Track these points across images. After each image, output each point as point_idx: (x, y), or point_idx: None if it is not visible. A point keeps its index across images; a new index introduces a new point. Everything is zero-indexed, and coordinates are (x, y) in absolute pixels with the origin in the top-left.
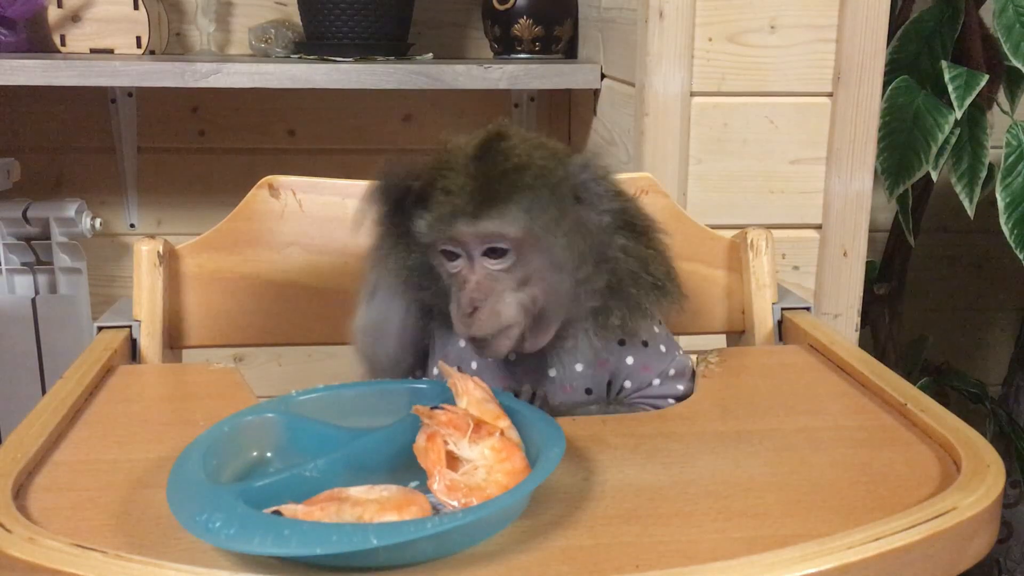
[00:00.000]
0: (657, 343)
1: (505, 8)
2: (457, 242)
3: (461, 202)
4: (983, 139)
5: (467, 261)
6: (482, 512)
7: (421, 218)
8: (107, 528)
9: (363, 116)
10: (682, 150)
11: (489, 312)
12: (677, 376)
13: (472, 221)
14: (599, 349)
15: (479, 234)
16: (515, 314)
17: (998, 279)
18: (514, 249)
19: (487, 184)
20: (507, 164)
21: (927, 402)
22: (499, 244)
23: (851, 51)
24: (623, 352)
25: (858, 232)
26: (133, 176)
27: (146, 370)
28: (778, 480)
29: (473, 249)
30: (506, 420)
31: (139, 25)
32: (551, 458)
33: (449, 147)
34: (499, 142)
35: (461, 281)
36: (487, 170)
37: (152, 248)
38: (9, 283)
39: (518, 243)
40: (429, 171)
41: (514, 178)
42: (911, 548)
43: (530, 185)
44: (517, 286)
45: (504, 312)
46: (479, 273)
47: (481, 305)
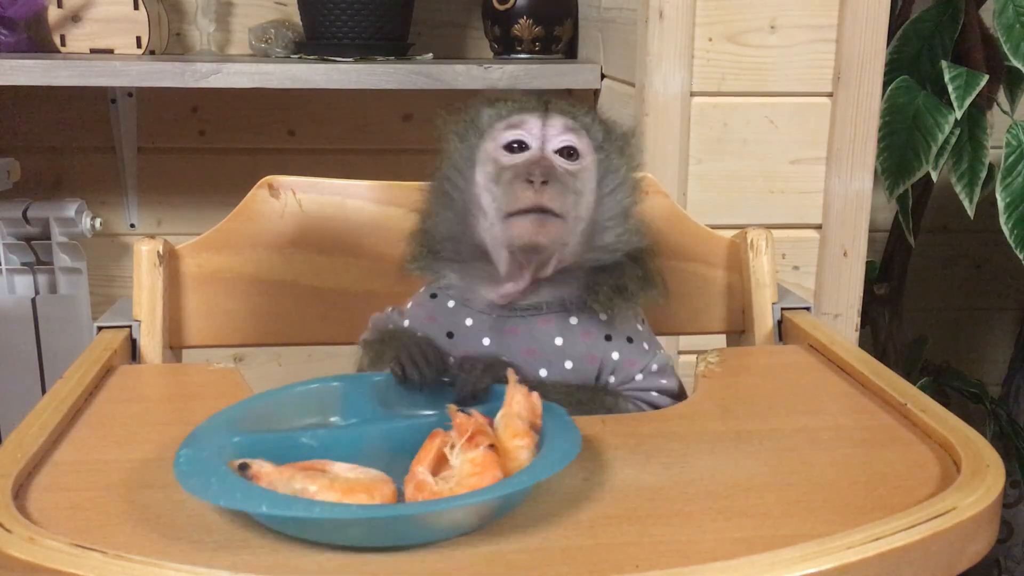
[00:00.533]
0: (641, 340)
1: (505, 8)
2: (543, 126)
3: (540, 104)
4: (983, 139)
5: (538, 152)
6: (412, 510)
7: (501, 106)
8: (107, 528)
9: (363, 116)
10: (682, 150)
11: (560, 190)
12: (660, 372)
13: (564, 114)
14: (588, 344)
15: (566, 125)
16: (572, 216)
17: (998, 279)
18: (584, 156)
19: (565, 106)
20: (576, 111)
21: (927, 402)
22: (576, 143)
23: (851, 51)
24: (609, 347)
25: (858, 232)
26: (133, 176)
27: (146, 370)
28: (778, 480)
29: (549, 141)
30: (524, 439)
31: (139, 25)
32: (533, 471)
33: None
34: (560, 103)
35: (531, 161)
36: (558, 107)
37: (152, 248)
38: (9, 283)
39: (587, 153)
40: (490, 107)
41: (585, 120)
42: (911, 548)
43: (598, 129)
44: (574, 194)
45: (568, 201)
46: (550, 158)
47: (550, 181)
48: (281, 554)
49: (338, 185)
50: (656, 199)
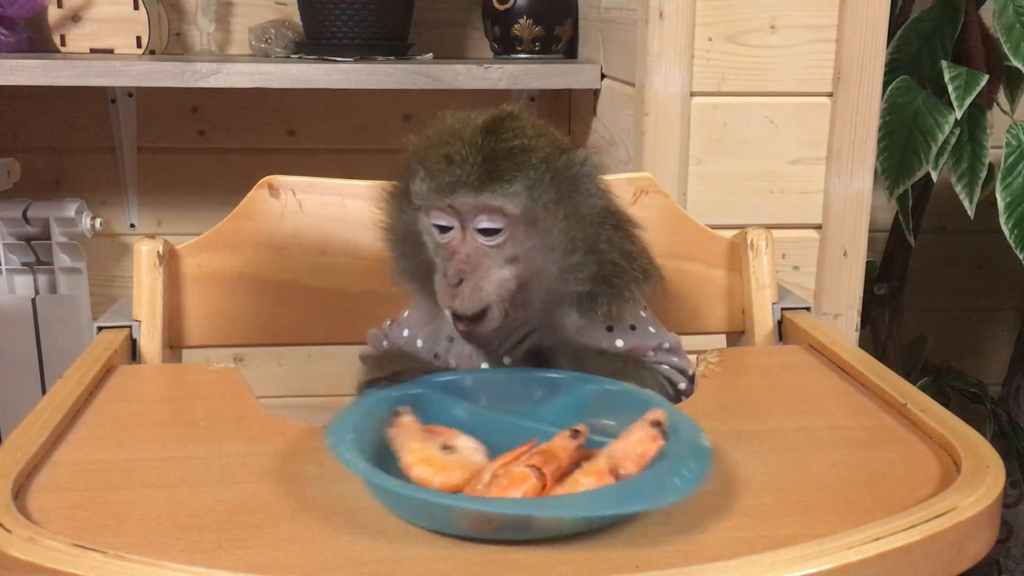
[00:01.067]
0: (645, 325)
1: (505, 8)
2: (454, 212)
3: (464, 172)
4: (983, 139)
5: (459, 233)
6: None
7: (422, 180)
8: (107, 528)
9: (363, 116)
10: (682, 150)
11: (474, 285)
12: (672, 350)
13: (474, 193)
14: (589, 338)
15: (479, 206)
16: (498, 291)
17: (998, 279)
18: (508, 227)
19: (493, 158)
20: (515, 142)
21: (927, 402)
22: (495, 223)
23: (851, 51)
24: (612, 337)
25: (858, 232)
26: (133, 176)
27: (146, 370)
28: (778, 480)
29: (468, 222)
30: (592, 478)
31: (139, 25)
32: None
33: (457, 117)
34: (509, 120)
35: (450, 252)
36: (494, 145)
37: (152, 248)
38: (9, 283)
39: (514, 221)
40: (433, 135)
41: (520, 157)
42: (911, 548)
43: (535, 166)
44: (504, 264)
45: (487, 288)
46: (469, 246)
47: (467, 278)
48: (281, 554)
49: (338, 185)
50: (656, 199)
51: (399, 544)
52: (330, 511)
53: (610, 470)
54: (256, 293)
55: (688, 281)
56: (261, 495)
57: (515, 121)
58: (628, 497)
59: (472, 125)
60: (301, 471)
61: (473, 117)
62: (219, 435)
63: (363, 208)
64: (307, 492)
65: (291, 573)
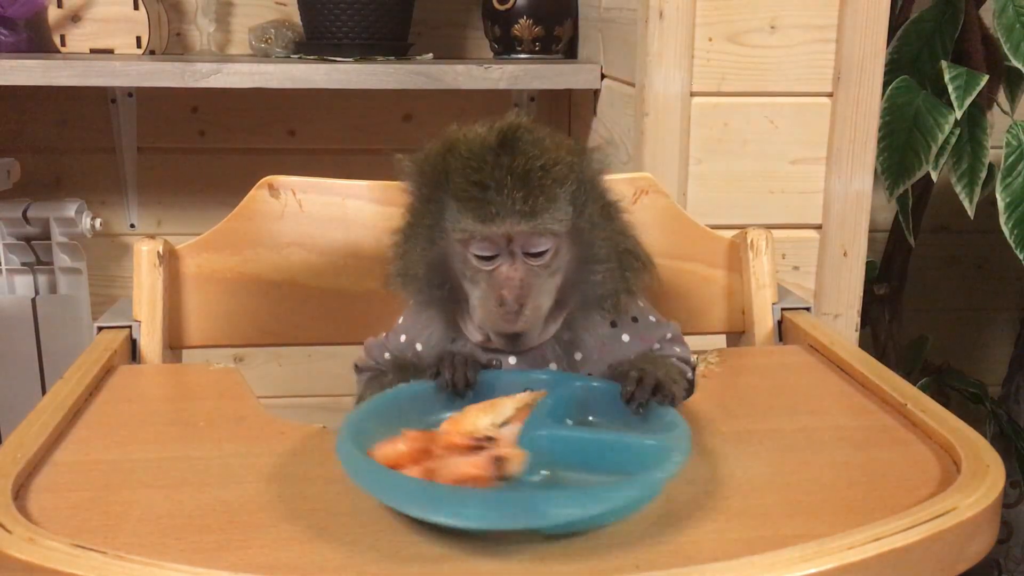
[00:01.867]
0: (646, 316)
1: (505, 8)
2: (504, 241)
3: (506, 200)
4: (983, 139)
5: (508, 259)
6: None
7: (460, 212)
8: (107, 528)
9: (363, 116)
10: (682, 150)
11: (533, 307)
12: (675, 340)
13: (527, 220)
14: (605, 335)
15: (533, 233)
16: (550, 303)
17: (998, 279)
18: (555, 245)
19: (529, 180)
20: (542, 159)
21: (927, 402)
22: (545, 247)
23: (851, 51)
24: (617, 333)
25: (858, 232)
26: (133, 176)
27: (146, 370)
28: (778, 480)
29: (517, 247)
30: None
31: (139, 25)
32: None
33: (466, 136)
34: (524, 134)
35: (503, 279)
36: (526, 163)
37: (152, 248)
38: (9, 283)
39: (561, 238)
40: (452, 161)
41: (555, 173)
42: (911, 548)
43: (567, 178)
44: (549, 277)
45: (544, 305)
46: (521, 271)
47: (526, 303)
48: (281, 553)
49: (338, 185)
50: (656, 199)
51: (399, 544)
52: (330, 511)
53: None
54: (256, 293)
55: (688, 281)
56: (261, 495)
57: (530, 134)
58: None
59: (488, 143)
60: (301, 471)
61: (482, 134)
62: (219, 435)
63: (363, 208)
64: (307, 492)
65: (291, 573)
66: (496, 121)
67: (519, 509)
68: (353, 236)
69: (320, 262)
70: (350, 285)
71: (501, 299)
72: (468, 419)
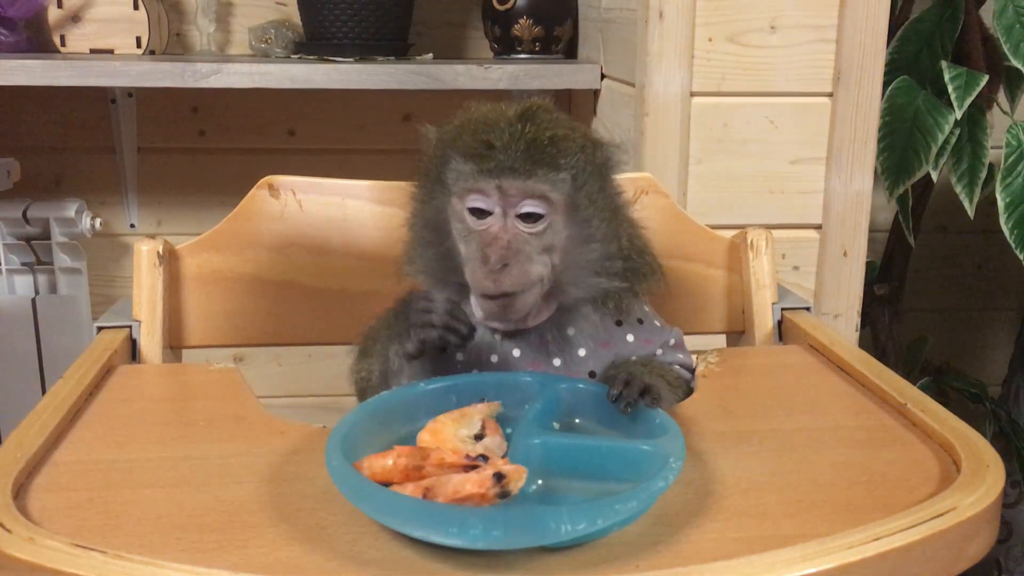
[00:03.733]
0: (651, 319)
1: (505, 8)
2: (498, 194)
3: (508, 157)
4: (983, 139)
5: (500, 219)
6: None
7: (463, 163)
8: (107, 528)
9: (363, 116)
10: (682, 150)
11: (519, 270)
12: (677, 346)
13: (522, 176)
14: (601, 334)
15: (525, 190)
16: (540, 276)
17: (998, 279)
18: (550, 214)
19: (536, 144)
20: (553, 131)
21: (927, 402)
22: (538, 208)
23: (851, 51)
24: (622, 332)
25: (858, 232)
26: (133, 176)
27: (146, 370)
28: (778, 480)
29: (510, 207)
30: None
31: (139, 25)
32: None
33: (482, 110)
34: (542, 112)
35: (490, 238)
36: (536, 132)
37: (152, 248)
38: (9, 283)
39: (556, 208)
40: (465, 124)
41: (564, 144)
42: (911, 548)
43: (577, 154)
44: (541, 252)
45: (533, 271)
46: (511, 232)
47: (511, 263)
48: (281, 553)
49: (338, 185)
50: (656, 199)
51: (399, 544)
52: (330, 511)
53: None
54: (256, 293)
55: (688, 281)
56: (261, 495)
57: (546, 113)
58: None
59: (505, 115)
60: (301, 471)
61: (504, 107)
62: (219, 435)
63: (363, 208)
64: (307, 492)
65: (291, 573)
66: (524, 102)
67: (527, 527)
68: (353, 236)
69: (320, 262)
70: (350, 285)
71: (485, 257)
72: (447, 429)
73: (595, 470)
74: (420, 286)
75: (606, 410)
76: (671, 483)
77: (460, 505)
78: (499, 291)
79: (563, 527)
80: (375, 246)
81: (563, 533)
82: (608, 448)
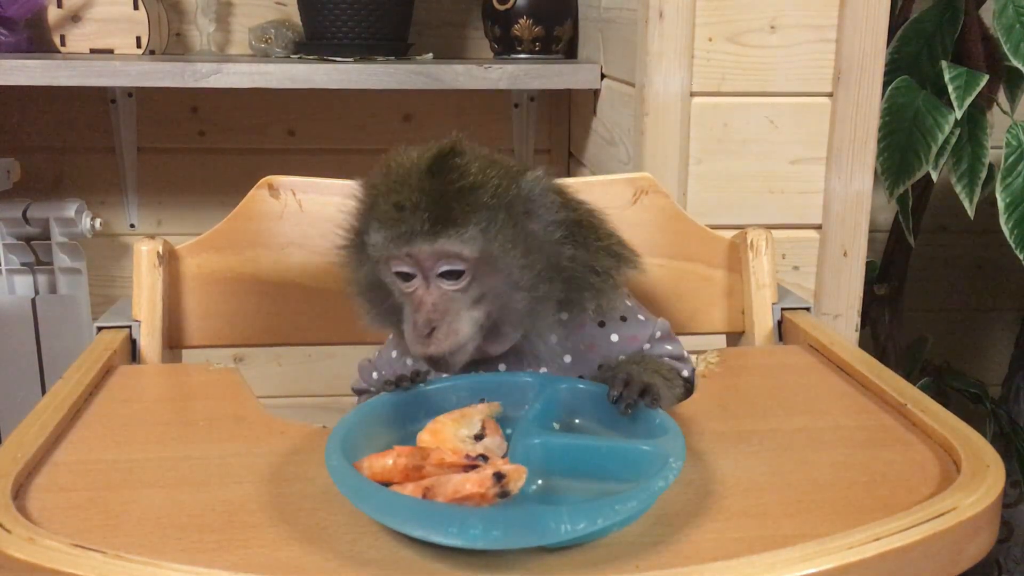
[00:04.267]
0: (635, 314)
1: (505, 8)
2: (414, 261)
3: (416, 221)
4: (983, 139)
5: (422, 281)
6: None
7: (376, 232)
8: (107, 528)
9: (363, 116)
10: (682, 150)
11: (446, 331)
12: (664, 338)
13: (429, 240)
14: (576, 340)
15: (436, 254)
16: (471, 332)
17: (998, 279)
18: (470, 269)
19: (442, 202)
20: (462, 182)
21: (927, 402)
22: (455, 266)
23: (851, 51)
24: (606, 332)
25: (858, 232)
26: (133, 176)
27: (146, 370)
28: (778, 480)
29: (429, 269)
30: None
31: (139, 25)
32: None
33: (400, 159)
34: (452, 158)
35: (417, 302)
36: (442, 187)
37: (152, 248)
38: (9, 283)
39: (474, 263)
40: (381, 183)
41: (470, 197)
42: (911, 548)
43: (486, 204)
44: (472, 305)
45: (461, 331)
46: (435, 294)
47: (438, 325)
48: (281, 554)
49: (338, 185)
50: (656, 199)
51: (399, 544)
52: (330, 511)
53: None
54: (256, 293)
55: (688, 281)
56: (261, 495)
57: (458, 157)
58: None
59: (417, 168)
60: (301, 471)
61: (417, 157)
62: (219, 435)
63: None
64: (307, 492)
65: (291, 573)
66: (438, 141)
67: (526, 527)
68: None
69: (320, 262)
70: None
71: (415, 322)
72: (447, 429)
73: (595, 470)
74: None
75: (606, 410)
76: (671, 483)
77: (460, 505)
78: (430, 354)
79: (563, 527)
80: None
81: (563, 533)
82: (608, 448)
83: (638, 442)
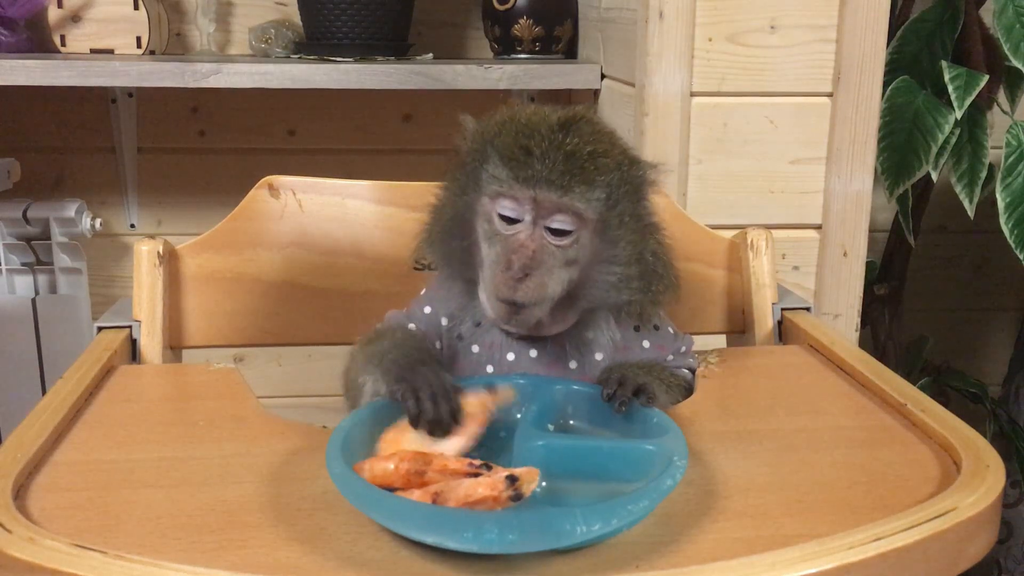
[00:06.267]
0: (666, 326)
1: (505, 8)
2: (532, 206)
3: (546, 168)
4: (983, 139)
5: (529, 228)
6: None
7: (500, 167)
8: (107, 528)
9: (363, 116)
10: (682, 150)
11: (538, 282)
12: (688, 352)
13: (558, 191)
14: (618, 340)
15: (558, 206)
16: (558, 291)
17: (998, 279)
18: (579, 230)
19: (575, 157)
20: (591, 147)
21: (927, 402)
22: (566, 225)
23: (851, 51)
24: (639, 337)
25: (858, 232)
26: (133, 176)
27: (146, 370)
28: (778, 480)
29: (541, 219)
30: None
31: (139, 25)
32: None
33: (522, 112)
34: (584, 123)
35: (516, 245)
36: (576, 144)
37: (152, 248)
38: (9, 283)
39: (586, 225)
40: (507, 125)
41: (602, 161)
42: (911, 548)
43: (614, 171)
44: (565, 265)
45: (550, 285)
46: (537, 242)
47: (532, 274)
48: (281, 554)
49: (338, 185)
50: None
51: (399, 544)
52: (330, 511)
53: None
54: (256, 293)
55: (688, 281)
56: (261, 495)
57: (589, 125)
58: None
59: (548, 120)
60: (301, 471)
61: (547, 112)
62: (219, 435)
63: (363, 208)
64: (307, 492)
65: (291, 573)
66: (567, 109)
67: (542, 529)
68: (353, 236)
69: (320, 262)
70: (350, 285)
71: (509, 263)
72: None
73: (598, 471)
74: (428, 282)
75: (601, 411)
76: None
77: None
78: (515, 299)
79: (579, 529)
80: (375, 246)
81: (579, 535)
82: (611, 448)
83: (641, 442)
